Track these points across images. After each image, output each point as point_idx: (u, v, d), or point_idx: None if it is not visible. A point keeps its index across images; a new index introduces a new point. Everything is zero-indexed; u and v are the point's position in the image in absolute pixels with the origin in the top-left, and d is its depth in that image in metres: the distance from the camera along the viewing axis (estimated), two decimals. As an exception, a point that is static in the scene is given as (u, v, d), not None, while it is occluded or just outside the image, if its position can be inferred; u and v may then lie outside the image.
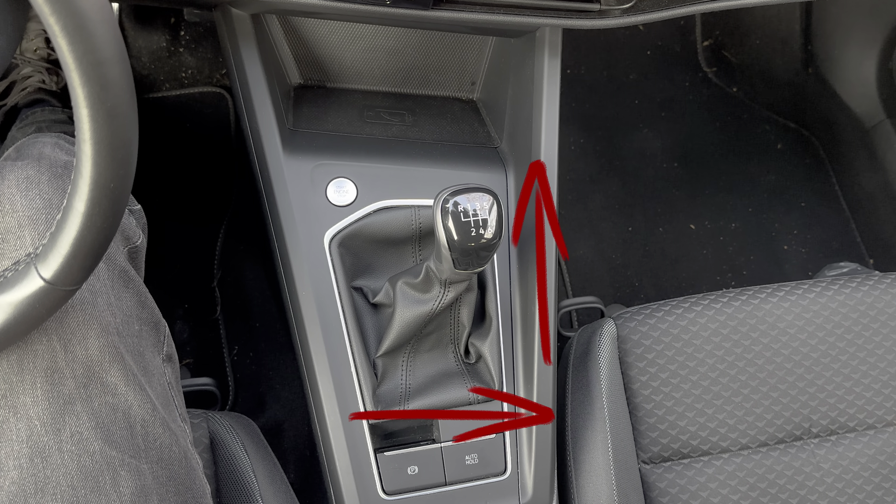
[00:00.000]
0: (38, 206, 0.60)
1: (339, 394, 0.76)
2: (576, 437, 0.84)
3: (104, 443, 0.58)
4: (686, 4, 0.79)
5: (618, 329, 0.86)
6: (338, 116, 0.88)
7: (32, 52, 1.21)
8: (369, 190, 0.79)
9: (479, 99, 0.96)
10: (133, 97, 0.44)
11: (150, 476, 0.61)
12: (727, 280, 1.48)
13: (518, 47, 0.85)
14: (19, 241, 0.59)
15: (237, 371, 1.28)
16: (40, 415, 0.57)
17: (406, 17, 0.74)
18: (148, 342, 0.66)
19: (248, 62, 0.79)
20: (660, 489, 0.83)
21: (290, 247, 0.77)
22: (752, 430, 0.85)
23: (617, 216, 1.49)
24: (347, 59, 0.90)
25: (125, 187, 0.46)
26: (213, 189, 1.36)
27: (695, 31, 1.63)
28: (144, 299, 0.67)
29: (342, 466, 0.75)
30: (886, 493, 0.86)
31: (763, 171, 1.56)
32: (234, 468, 0.76)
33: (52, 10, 0.39)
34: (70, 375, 0.58)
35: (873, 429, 0.87)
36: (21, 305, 0.48)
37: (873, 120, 1.45)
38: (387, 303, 0.76)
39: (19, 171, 0.61)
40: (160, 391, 0.65)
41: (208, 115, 1.40)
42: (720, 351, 0.86)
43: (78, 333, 0.58)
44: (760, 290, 0.89)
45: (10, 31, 0.50)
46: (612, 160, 1.53)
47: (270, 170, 0.79)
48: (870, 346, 0.88)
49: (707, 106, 1.60)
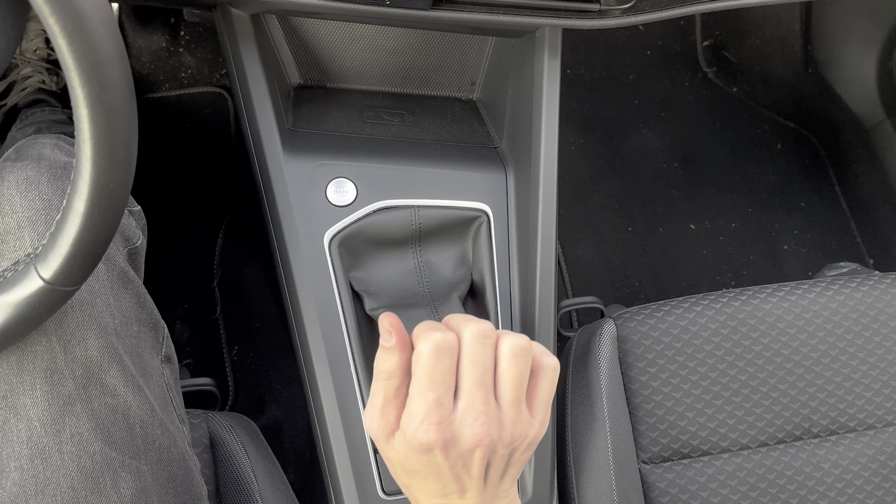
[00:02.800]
0: (38, 207, 0.60)
1: (339, 394, 0.76)
2: (576, 437, 0.84)
3: (104, 444, 0.58)
4: (686, 4, 0.79)
5: (618, 329, 0.86)
6: (338, 116, 0.88)
7: (32, 52, 1.21)
8: (369, 190, 0.79)
9: (479, 99, 0.96)
10: (133, 97, 0.44)
11: (150, 477, 0.61)
12: (727, 280, 1.48)
13: (518, 47, 0.85)
14: (18, 242, 0.59)
15: (237, 371, 1.28)
16: (40, 416, 0.57)
17: (406, 17, 0.74)
18: (146, 343, 0.66)
19: (248, 62, 0.79)
20: (660, 489, 0.83)
21: (290, 247, 0.77)
22: (752, 430, 0.85)
23: (617, 216, 1.49)
24: (347, 59, 0.90)
25: (125, 188, 0.46)
26: (213, 189, 1.36)
27: (695, 31, 1.63)
28: (143, 300, 0.68)
29: (342, 466, 0.75)
30: (886, 492, 0.86)
31: (763, 171, 1.56)
32: (233, 468, 0.76)
33: (51, 10, 0.39)
34: (70, 376, 0.58)
35: (873, 429, 0.87)
36: (21, 306, 0.48)
37: (873, 120, 1.45)
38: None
39: (19, 172, 0.62)
40: (158, 392, 0.65)
41: (208, 115, 1.40)
42: (720, 351, 0.86)
43: (77, 334, 0.58)
44: (760, 290, 0.89)
45: (10, 31, 0.50)
46: (612, 160, 1.53)
47: (270, 170, 0.79)
48: (870, 346, 0.88)
49: (707, 106, 1.60)
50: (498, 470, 0.55)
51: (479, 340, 0.52)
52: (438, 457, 0.51)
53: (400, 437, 0.53)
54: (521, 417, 0.54)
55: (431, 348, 0.51)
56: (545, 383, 0.55)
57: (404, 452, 0.53)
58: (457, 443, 0.51)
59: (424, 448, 0.51)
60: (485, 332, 0.52)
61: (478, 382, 0.52)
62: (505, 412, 0.53)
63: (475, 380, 0.52)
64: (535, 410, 0.55)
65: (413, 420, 0.51)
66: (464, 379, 0.52)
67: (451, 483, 0.53)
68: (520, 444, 0.54)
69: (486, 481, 0.54)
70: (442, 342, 0.51)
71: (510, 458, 0.55)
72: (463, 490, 0.54)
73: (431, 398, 0.51)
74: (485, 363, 0.52)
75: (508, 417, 0.53)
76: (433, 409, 0.51)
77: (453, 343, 0.51)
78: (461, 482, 0.53)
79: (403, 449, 0.53)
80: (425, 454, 0.52)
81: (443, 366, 0.51)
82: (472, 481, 0.54)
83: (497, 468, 0.54)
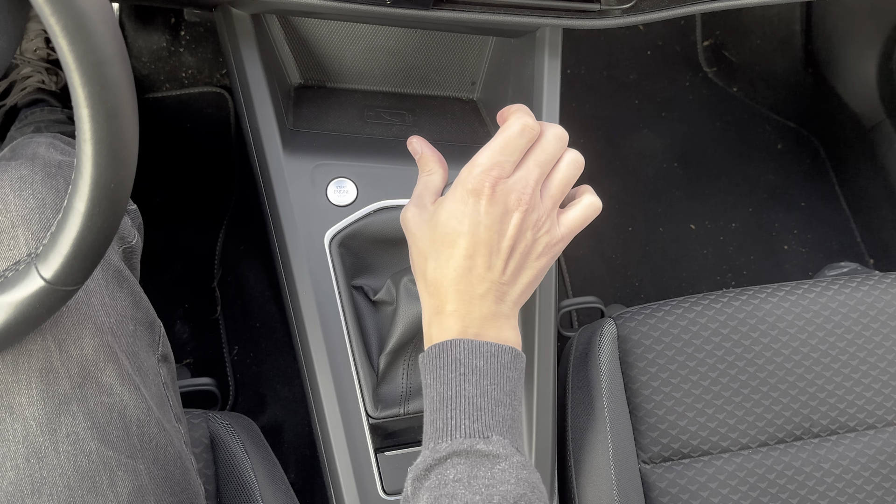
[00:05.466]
0: (32, 206, 0.60)
1: (339, 394, 0.76)
2: (576, 437, 0.84)
3: (100, 443, 0.58)
4: (686, 4, 0.79)
5: (618, 329, 0.86)
6: (338, 116, 0.88)
7: (32, 52, 1.21)
8: (369, 190, 0.79)
9: (479, 99, 0.96)
10: (133, 97, 0.44)
11: (147, 476, 0.61)
12: (727, 280, 1.48)
13: (518, 47, 0.85)
14: (13, 242, 0.59)
15: (237, 371, 1.28)
16: (36, 415, 0.57)
17: (406, 17, 0.74)
18: (143, 342, 0.66)
19: (248, 62, 0.79)
20: (660, 489, 0.83)
21: (291, 247, 0.77)
22: (752, 430, 0.85)
23: (617, 216, 1.49)
24: (347, 59, 0.90)
25: (125, 187, 0.46)
26: (213, 189, 1.36)
27: (695, 31, 1.63)
28: (139, 299, 0.67)
29: (342, 466, 0.75)
30: (887, 492, 0.86)
31: (763, 171, 1.56)
32: (234, 468, 0.76)
33: (52, 10, 0.39)
34: (65, 375, 0.58)
35: (873, 429, 0.87)
36: (21, 305, 0.48)
37: (873, 120, 1.45)
38: (388, 300, 0.76)
39: (13, 171, 0.61)
40: (155, 391, 0.65)
41: (208, 115, 1.40)
42: (720, 351, 0.86)
43: (73, 333, 0.58)
44: (760, 289, 0.89)
45: (11, 31, 0.50)
46: (612, 160, 1.53)
47: (270, 170, 0.79)
48: (870, 346, 0.88)
49: (707, 106, 1.60)
50: (520, 252, 0.59)
51: (557, 139, 0.60)
52: (482, 207, 0.57)
53: (449, 193, 0.59)
54: (553, 216, 0.61)
55: (519, 126, 0.58)
56: (581, 208, 0.63)
57: (447, 207, 0.59)
58: (502, 199, 0.58)
59: (475, 193, 0.57)
60: (563, 136, 0.61)
61: (539, 164, 0.59)
62: (545, 202, 0.60)
63: (538, 161, 0.59)
64: (563, 222, 0.62)
65: (475, 168, 0.58)
66: (529, 157, 0.59)
67: (482, 245, 0.58)
68: (543, 236, 0.60)
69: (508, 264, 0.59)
70: (530, 126, 0.58)
71: (532, 246, 0.60)
72: (487, 269, 0.58)
73: (499, 159, 0.58)
74: (552, 155, 0.60)
75: (545, 207, 0.60)
76: (496, 166, 0.58)
77: (536, 132, 0.59)
78: (490, 247, 0.58)
79: (448, 203, 0.59)
80: (471, 202, 0.57)
81: (521, 143, 0.58)
82: (501, 253, 0.58)
83: (521, 250, 0.59)
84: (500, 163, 0.57)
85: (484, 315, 0.58)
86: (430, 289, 0.60)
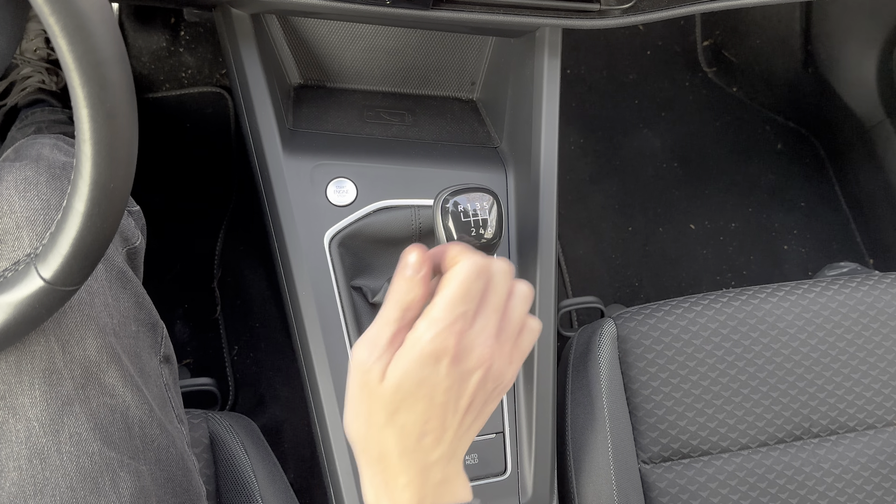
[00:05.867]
0: (36, 208, 0.60)
1: (339, 393, 0.76)
2: (576, 437, 0.84)
3: (103, 444, 0.58)
4: (686, 4, 0.79)
5: (618, 329, 0.86)
6: (338, 116, 0.88)
7: (32, 52, 1.21)
8: (369, 190, 0.79)
9: (478, 99, 0.96)
10: (133, 97, 0.44)
11: (149, 477, 0.61)
12: (727, 280, 1.48)
13: (518, 47, 0.85)
14: (17, 243, 0.59)
15: (237, 371, 1.28)
16: (39, 416, 0.57)
17: (406, 17, 0.74)
18: (145, 343, 0.66)
19: (248, 62, 0.79)
20: (660, 489, 0.83)
21: (290, 247, 0.77)
22: (752, 430, 0.85)
23: (617, 216, 1.49)
24: (347, 59, 0.90)
25: (125, 188, 0.46)
26: (213, 189, 1.36)
27: (695, 31, 1.63)
28: (142, 300, 0.68)
29: (342, 466, 0.75)
30: (886, 492, 0.86)
31: (763, 171, 1.56)
32: (233, 468, 0.76)
33: (52, 10, 0.39)
34: (68, 376, 0.58)
35: (873, 429, 0.87)
36: (21, 306, 0.48)
37: (873, 120, 1.45)
38: None
39: (17, 173, 0.61)
40: (157, 392, 0.65)
41: (208, 115, 1.39)
42: (720, 351, 0.86)
43: (76, 334, 0.58)
44: (760, 289, 0.89)
45: (10, 31, 0.50)
46: (612, 160, 1.53)
47: (270, 170, 0.79)
48: (870, 346, 0.88)
49: (707, 106, 1.60)
50: (477, 406, 0.54)
51: (506, 274, 0.55)
52: (443, 369, 0.51)
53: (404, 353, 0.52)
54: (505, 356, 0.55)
55: (474, 268, 0.52)
56: (530, 337, 0.57)
57: (403, 370, 0.51)
58: (465, 358, 0.52)
59: (437, 354, 0.51)
60: (510, 271, 0.55)
61: (497, 309, 0.54)
62: (502, 346, 0.54)
63: (495, 306, 0.54)
64: (515, 359, 0.56)
65: (434, 326, 0.51)
66: (486, 303, 0.53)
67: (438, 408, 0.52)
68: (502, 384, 0.55)
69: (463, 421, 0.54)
70: (483, 266, 0.53)
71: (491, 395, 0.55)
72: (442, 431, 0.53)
73: (460, 310, 0.51)
74: (504, 295, 0.54)
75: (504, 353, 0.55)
76: (458, 318, 0.51)
77: (489, 270, 0.54)
78: (446, 408, 0.52)
79: (404, 365, 0.51)
80: (431, 364, 0.51)
81: (479, 287, 0.53)
82: (457, 413, 0.53)
83: (478, 404, 0.54)
84: (462, 314, 0.51)
85: (438, 481, 0.54)
86: (374, 459, 0.54)
